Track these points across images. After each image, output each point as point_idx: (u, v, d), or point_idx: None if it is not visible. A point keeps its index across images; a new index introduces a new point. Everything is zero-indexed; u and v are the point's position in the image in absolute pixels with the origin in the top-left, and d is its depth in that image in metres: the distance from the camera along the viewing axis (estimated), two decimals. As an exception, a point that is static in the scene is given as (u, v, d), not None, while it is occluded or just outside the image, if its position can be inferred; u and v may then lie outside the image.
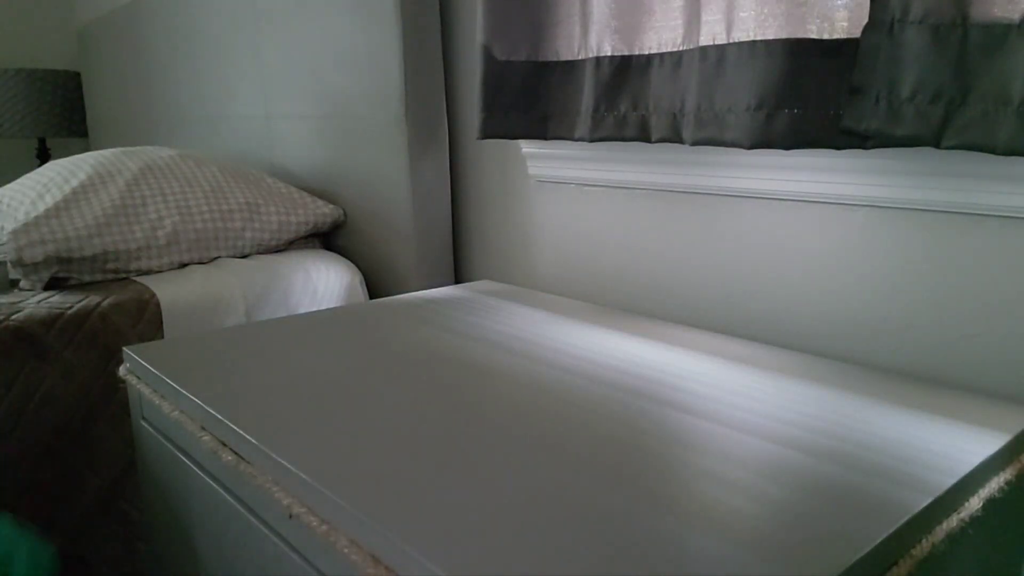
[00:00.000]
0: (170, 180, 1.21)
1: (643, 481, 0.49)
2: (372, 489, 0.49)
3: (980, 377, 0.68)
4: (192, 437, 0.64)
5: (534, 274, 1.12)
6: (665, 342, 0.79)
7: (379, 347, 0.79)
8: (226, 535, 0.63)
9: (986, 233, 0.66)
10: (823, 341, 0.78)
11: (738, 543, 0.42)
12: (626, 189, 0.96)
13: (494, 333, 0.83)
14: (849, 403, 0.62)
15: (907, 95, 0.60)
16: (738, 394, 0.64)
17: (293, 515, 0.51)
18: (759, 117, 0.68)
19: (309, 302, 1.17)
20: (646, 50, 0.83)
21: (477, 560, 0.41)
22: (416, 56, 1.12)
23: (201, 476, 0.66)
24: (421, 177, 1.16)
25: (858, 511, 0.45)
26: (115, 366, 0.98)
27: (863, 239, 0.74)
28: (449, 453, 0.54)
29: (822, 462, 0.52)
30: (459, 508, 0.46)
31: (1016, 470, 0.55)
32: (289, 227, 1.25)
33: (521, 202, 1.12)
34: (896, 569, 0.44)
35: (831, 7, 0.66)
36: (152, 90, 2.00)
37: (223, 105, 1.67)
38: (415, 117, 1.14)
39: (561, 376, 0.69)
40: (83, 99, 2.48)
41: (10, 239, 1.04)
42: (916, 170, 0.68)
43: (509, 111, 0.94)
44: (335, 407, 0.63)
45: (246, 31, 1.52)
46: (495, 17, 0.92)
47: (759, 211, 0.82)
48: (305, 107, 1.38)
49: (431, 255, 1.20)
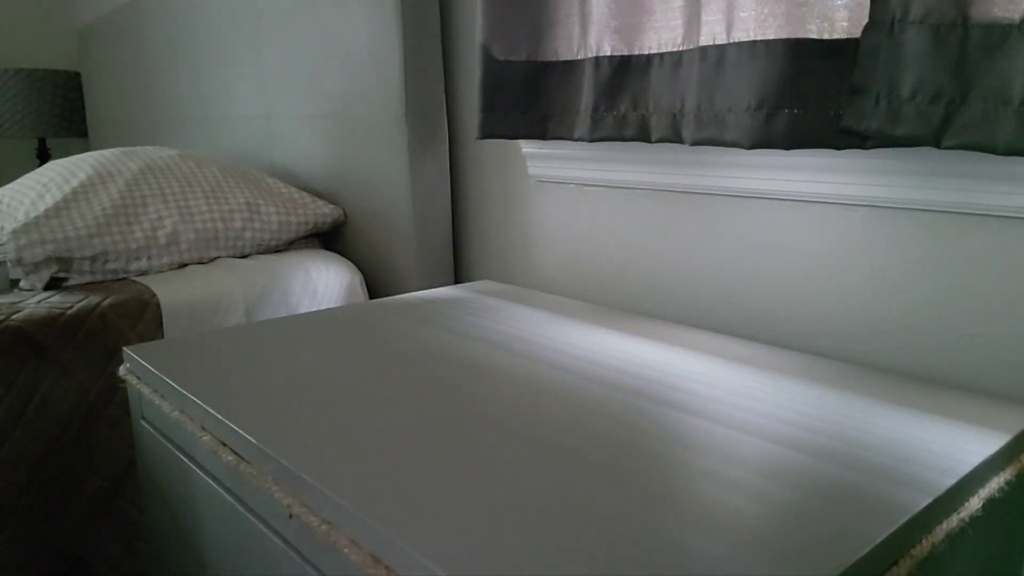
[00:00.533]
0: (170, 180, 1.21)
1: (643, 481, 0.49)
2: (372, 489, 0.49)
3: (980, 377, 0.68)
4: (192, 437, 0.64)
5: (534, 274, 1.12)
6: (665, 342, 0.79)
7: (379, 347, 0.79)
8: (226, 535, 0.63)
9: (986, 233, 0.66)
10: (823, 341, 0.78)
11: (738, 543, 0.42)
12: (626, 189, 0.96)
13: (494, 333, 0.83)
14: (849, 403, 0.62)
15: (907, 95, 0.60)
16: (738, 394, 0.64)
17: (293, 515, 0.51)
18: (759, 117, 0.68)
19: (309, 302, 1.17)
20: (646, 50, 0.83)
21: (477, 560, 0.41)
22: (416, 56, 1.12)
23: (201, 476, 0.66)
24: (421, 177, 1.16)
25: (858, 511, 0.45)
26: (115, 366, 0.98)
27: (863, 239, 0.74)
28: (449, 453, 0.54)
29: (822, 462, 0.52)
30: (459, 508, 0.46)
31: (1016, 470, 0.55)
32: (289, 227, 1.25)
33: (521, 202, 1.12)
34: (896, 569, 0.44)
35: (831, 7, 0.66)
36: (152, 90, 2.00)
37: (223, 105, 1.67)
38: (415, 117, 1.14)
39: (561, 376, 0.69)
40: (83, 99, 2.48)
41: (10, 239, 1.04)
42: (916, 170, 0.68)
43: (509, 111, 0.94)
44: (335, 407, 0.63)
45: (246, 31, 1.52)
46: (495, 17, 0.92)
47: (759, 211, 0.82)
48: (305, 107, 1.38)
49: (431, 255, 1.20)
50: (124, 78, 2.15)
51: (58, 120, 2.41)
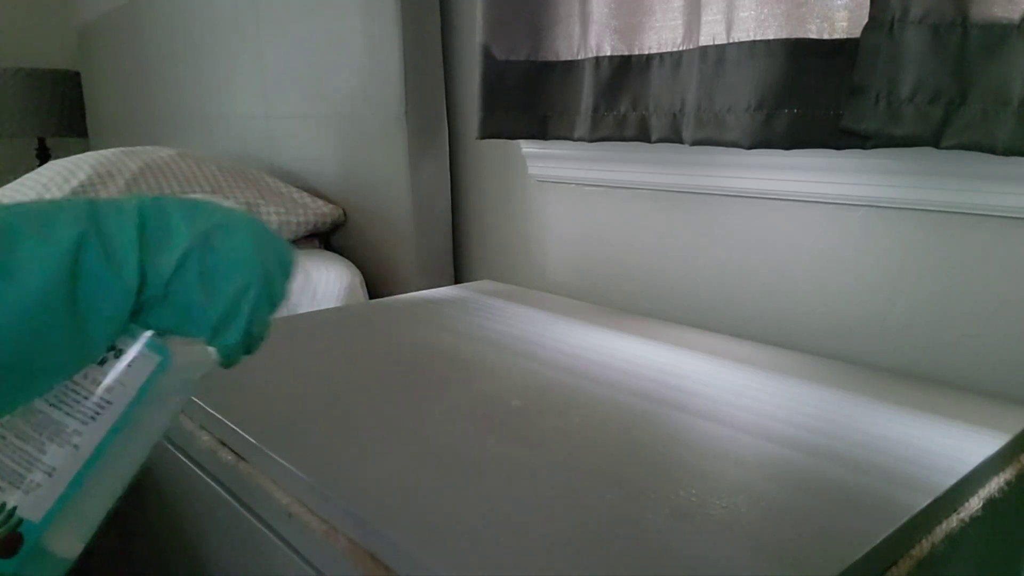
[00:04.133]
0: (170, 180, 1.21)
1: (643, 481, 0.49)
2: (372, 489, 0.49)
3: (980, 377, 0.68)
4: (191, 436, 0.64)
5: (534, 274, 1.12)
6: (665, 342, 0.79)
7: (379, 347, 0.79)
8: (225, 535, 0.63)
9: (986, 233, 0.66)
10: (823, 341, 0.78)
11: (738, 543, 0.42)
12: (626, 189, 0.96)
13: (494, 333, 0.83)
14: (849, 403, 0.62)
15: (907, 95, 0.60)
16: (738, 394, 0.64)
17: (292, 515, 0.51)
18: (759, 117, 0.68)
19: (308, 302, 1.17)
20: (646, 50, 0.82)
21: (477, 560, 0.41)
22: (416, 56, 1.12)
23: (200, 475, 0.66)
24: (421, 177, 1.16)
25: (858, 511, 0.45)
26: (115, 366, 0.97)
27: (863, 239, 0.74)
28: (449, 453, 0.54)
29: (822, 462, 0.52)
30: (459, 508, 0.46)
31: (1016, 470, 0.55)
32: (289, 227, 1.25)
33: (521, 202, 1.12)
34: (896, 569, 0.44)
35: (831, 7, 0.66)
36: (152, 90, 2.00)
37: (223, 105, 1.67)
38: (415, 117, 1.14)
39: (561, 376, 0.69)
40: (83, 99, 2.48)
41: (10, 239, 1.04)
42: (916, 170, 0.68)
43: (509, 111, 0.94)
44: (334, 407, 0.62)
45: (246, 31, 1.52)
46: (495, 17, 0.92)
47: (759, 211, 0.82)
48: (305, 107, 1.38)
49: (431, 255, 1.20)
50: (124, 78, 2.15)
51: (58, 120, 2.40)
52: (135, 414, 0.37)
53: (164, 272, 0.35)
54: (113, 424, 0.36)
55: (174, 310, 0.36)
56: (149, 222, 0.35)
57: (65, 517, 0.35)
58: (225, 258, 0.37)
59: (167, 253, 0.35)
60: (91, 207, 0.34)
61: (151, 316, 0.36)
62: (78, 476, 0.35)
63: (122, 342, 0.36)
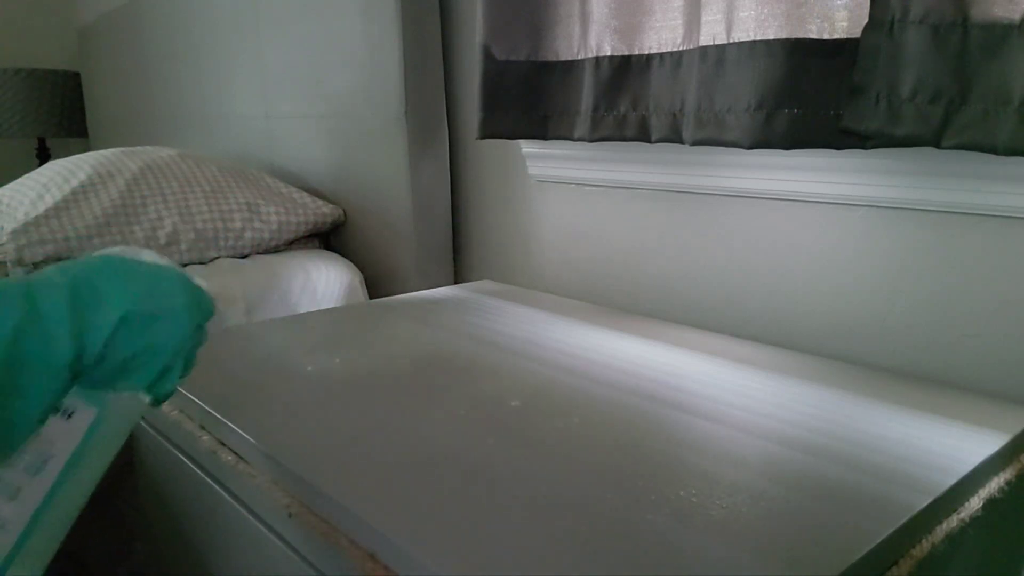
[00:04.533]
0: (170, 180, 1.21)
1: (643, 480, 0.49)
2: (372, 489, 0.49)
3: (980, 377, 0.68)
4: (191, 437, 0.64)
5: (534, 274, 1.12)
6: (665, 342, 0.79)
7: (379, 347, 0.79)
8: (225, 535, 0.63)
9: (986, 233, 0.66)
10: (823, 341, 0.78)
11: (738, 543, 0.42)
12: (626, 189, 0.96)
13: (494, 333, 0.83)
14: (849, 403, 0.62)
15: (907, 95, 0.60)
16: (738, 394, 0.64)
17: (292, 515, 0.51)
18: (759, 117, 0.68)
19: (309, 302, 1.17)
20: (646, 50, 0.82)
21: (476, 560, 0.41)
22: (416, 56, 1.12)
23: (200, 476, 0.66)
24: (421, 177, 1.16)
25: (858, 511, 0.45)
26: (115, 366, 0.97)
27: (863, 239, 0.74)
28: (448, 453, 0.54)
29: (822, 462, 0.52)
30: (458, 507, 0.46)
31: (1016, 470, 0.55)
32: (289, 227, 1.25)
33: (521, 202, 1.12)
34: (896, 569, 0.44)
35: (831, 7, 0.66)
36: (152, 90, 2.00)
37: (223, 105, 1.67)
38: (415, 117, 1.14)
39: (561, 376, 0.69)
40: (83, 99, 2.48)
41: (10, 239, 1.04)
42: (916, 170, 0.67)
43: (509, 111, 0.94)
44: (335, 407, 0.62)
45: (246, 31, 1.52)
46: (495, 17, 0.92)
47: (759, 211, 0.82)
48: (305, 107, 1.38)
49: (431, 255, 1.20)
50: (124, 78, 2.15)
51: (58, 120, 2.40)
52: (78, 462, 0.40)
53: (98, 339, 0.37)
54: (57, 475, 0.40)
55: (112, 369, 0.39)
56: (81, 292, 0.37)
57: (21, 560, 0.38)
58: (157, 316, 0.40)
59: (100, 319, 0.38)
60: (27, 289, 0.36)
61: (93, 375, 0.38)
62: (29, 524, 0.39)
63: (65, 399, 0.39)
